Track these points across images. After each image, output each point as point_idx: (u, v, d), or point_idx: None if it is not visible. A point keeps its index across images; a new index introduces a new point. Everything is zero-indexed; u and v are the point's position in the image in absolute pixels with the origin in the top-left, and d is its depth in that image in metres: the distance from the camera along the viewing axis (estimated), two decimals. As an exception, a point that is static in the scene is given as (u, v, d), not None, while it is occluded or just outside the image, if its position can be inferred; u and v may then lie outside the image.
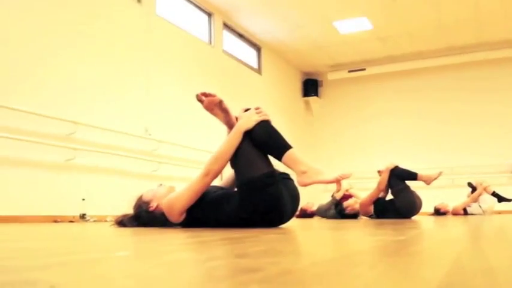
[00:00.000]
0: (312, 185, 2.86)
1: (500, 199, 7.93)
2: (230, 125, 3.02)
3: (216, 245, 1.38)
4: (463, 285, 0.61)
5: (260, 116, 2.95)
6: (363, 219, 5.91)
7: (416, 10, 8.95)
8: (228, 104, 3.05)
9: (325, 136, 12.38)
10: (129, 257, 1.06)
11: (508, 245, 1.26)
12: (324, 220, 5.85)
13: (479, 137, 10.96)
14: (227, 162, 2.90)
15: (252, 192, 2.79)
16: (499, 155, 10.70)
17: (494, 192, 8.01)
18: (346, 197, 7.27)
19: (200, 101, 2.98)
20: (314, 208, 8.02)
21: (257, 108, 3.01)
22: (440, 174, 5.97)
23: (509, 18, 9.38)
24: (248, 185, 2.80)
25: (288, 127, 11.08)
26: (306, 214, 8.04)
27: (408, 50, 11.05)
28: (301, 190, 3.10)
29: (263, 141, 2.88)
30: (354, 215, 6.38)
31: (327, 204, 7.33)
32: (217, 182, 3.20)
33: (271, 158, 2.92)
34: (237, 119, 3.03)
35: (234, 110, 3.08)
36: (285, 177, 3.04)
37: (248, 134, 2.90)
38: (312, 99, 12.37)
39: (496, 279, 0.65)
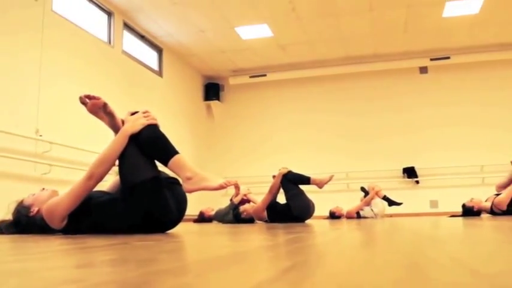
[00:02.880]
0: (198, 191, 2.85)
1: (391, 203, 8.31)
2: (116, 128, 2.96)
3: (76, 253, 1.34)
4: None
5: (147, 120, 2.92)
6: (258, 223, 5.99)
7: (315, 20, 9.22)
8: (128, 106, 3.00)
9: (226, 140, 12.43)
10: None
11: (370, 252, 1.32)
12: (220, 225, 5.85)
13: (373, 144, 11.46)
14: (112, 166, 2.84)
15: (135, 197, 2.74)
16: (391, 161, 11.25)
17: (385, 196, 8.38)
18: (244, 201, 7.35)
19: (84, 103, 2.90)
20: (213, 213, 8.00)
21: (145, 112, 2.98)
22: (331, 177, 6.16)
23: (402, 33, 9.89)
24: (132, 190, 2.76)
25: (189, 130, 11.03)
26: (203, 218, 8.01)
27: (308, 58, 11.34)
28: (203, 193, 3.09)
29: (149, 145, 2.85)
30: (250, 219, 6.46)
31: (225, 208, 7.36)
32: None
33: (158, 163, 2.90)
34: (123, 122, 2.97)
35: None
36: (173, 182, 3.02)
37: (134, 138, 2.85)
38: (214, 103, 12.39)
39: None
